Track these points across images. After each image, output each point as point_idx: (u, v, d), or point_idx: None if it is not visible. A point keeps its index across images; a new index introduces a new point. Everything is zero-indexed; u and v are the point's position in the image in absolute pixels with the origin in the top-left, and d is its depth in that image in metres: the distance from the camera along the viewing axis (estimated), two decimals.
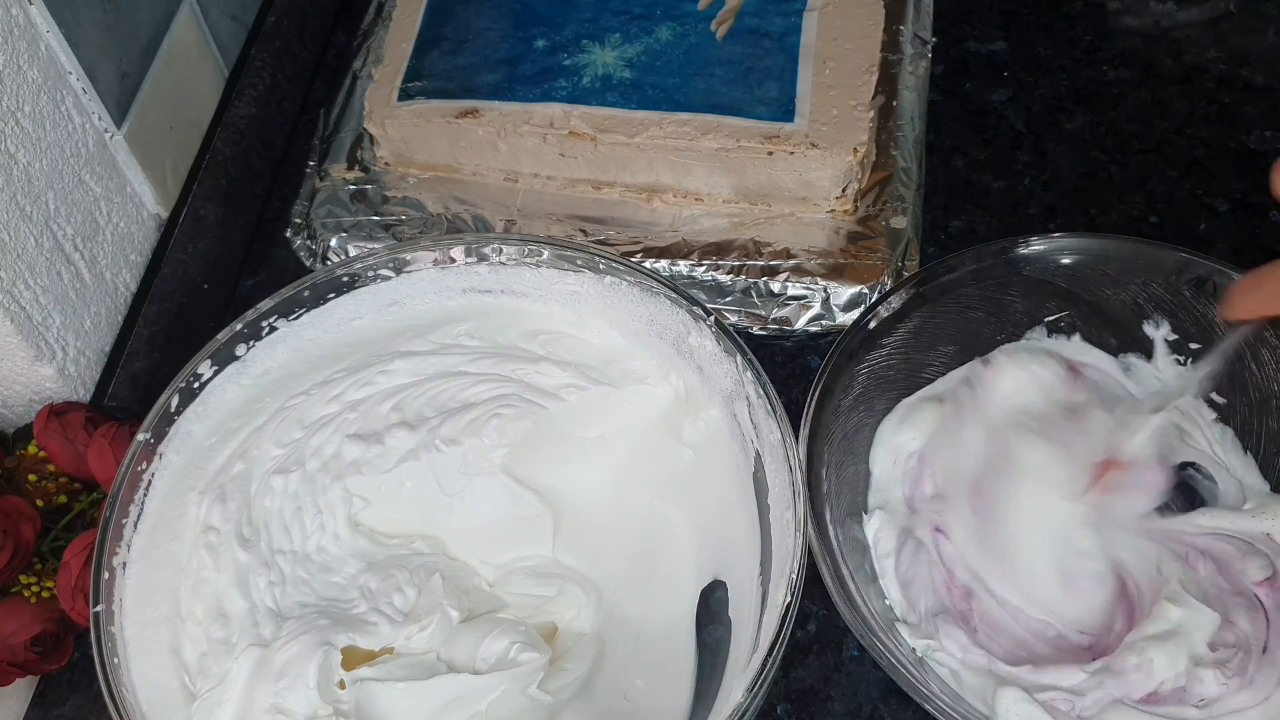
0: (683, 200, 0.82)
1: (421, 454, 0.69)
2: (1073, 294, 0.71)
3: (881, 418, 0.71)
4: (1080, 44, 0.91)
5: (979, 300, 0.71)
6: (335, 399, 0.70)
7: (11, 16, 0.65)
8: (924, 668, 0.63)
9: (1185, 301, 0.69)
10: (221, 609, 0.64)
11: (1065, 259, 0.70)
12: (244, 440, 0.68)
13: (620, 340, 0.71)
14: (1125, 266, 0.70)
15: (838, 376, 0.67)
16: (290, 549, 0.67)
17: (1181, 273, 0.69)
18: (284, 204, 0.87)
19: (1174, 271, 0.69)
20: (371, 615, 0.64)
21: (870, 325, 0.69)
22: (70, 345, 0.72)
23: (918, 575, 0.66)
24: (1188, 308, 0.69)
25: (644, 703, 0.64)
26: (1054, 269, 0.70)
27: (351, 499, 0.69)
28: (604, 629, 0.67)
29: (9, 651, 0.66)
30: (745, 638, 0.63)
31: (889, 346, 0.70)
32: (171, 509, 0.66)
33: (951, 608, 0.65)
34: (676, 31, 0.82)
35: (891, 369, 0.71)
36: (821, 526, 0.63)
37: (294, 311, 0.69)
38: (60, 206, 0.70)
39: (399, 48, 0.85)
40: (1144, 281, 0.70)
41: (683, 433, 0.69)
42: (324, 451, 0.69)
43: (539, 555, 0.69)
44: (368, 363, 0.71)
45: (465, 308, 0.72)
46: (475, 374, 0.71)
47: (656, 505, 0.69)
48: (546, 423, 0.70)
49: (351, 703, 0.61)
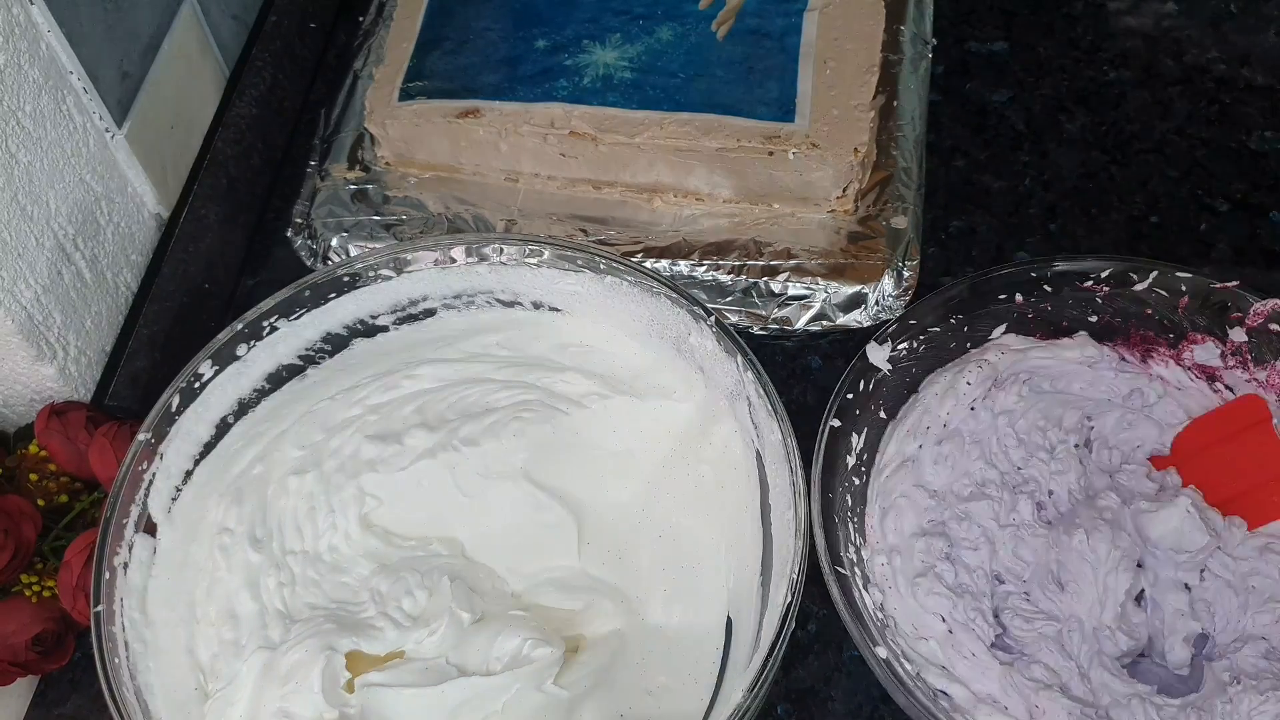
0: (683, 200, 0.82)
1: (439, 454, 0.69)
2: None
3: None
4: (1081, 44, 0.91)
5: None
6: (359, 403, 0.71)
7: (13, 16, 0.65)
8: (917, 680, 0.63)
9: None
10: (232, 610, 0.65)
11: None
12: (268, 444, 0.69)
13: (649, 356, 0.71)
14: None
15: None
16: (301, 549, 0.67)
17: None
18: (285, 204, 0.87)
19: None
20: (378, 620, 0.64)
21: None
22: (71, 345, 0.72)
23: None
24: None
25: (667, 698, 0.64)
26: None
27: (364, 498, 0.69)
28: (625, 625, 0.66)
29: (10, 651, 0.66)
30: (746, 637, 0.63)
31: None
32: (195, 511, 0.66)
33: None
34: (677, 31, 0.82)
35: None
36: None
37: (295, 311, 0.69)
38: (61, 206, 0.70)
39: (400, 48, 0.85)
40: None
41: (703, 449, 0.69)
42: (342, 452, 0.69)
43: (566, 566, 0.68)
44: (395, 369, 0.71)
45: (498, 319, 0.72)
46: (500, 381, 0.72)
47: (684, 519, 0.69)
48: (568, 430, 0.70)
49: (359, 708, 0.61)
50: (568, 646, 0.64)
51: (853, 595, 0.62)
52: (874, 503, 0.69)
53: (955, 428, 0.70)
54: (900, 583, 0.65)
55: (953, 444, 0.70)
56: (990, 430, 0.70)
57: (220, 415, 0.68)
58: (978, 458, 0.69)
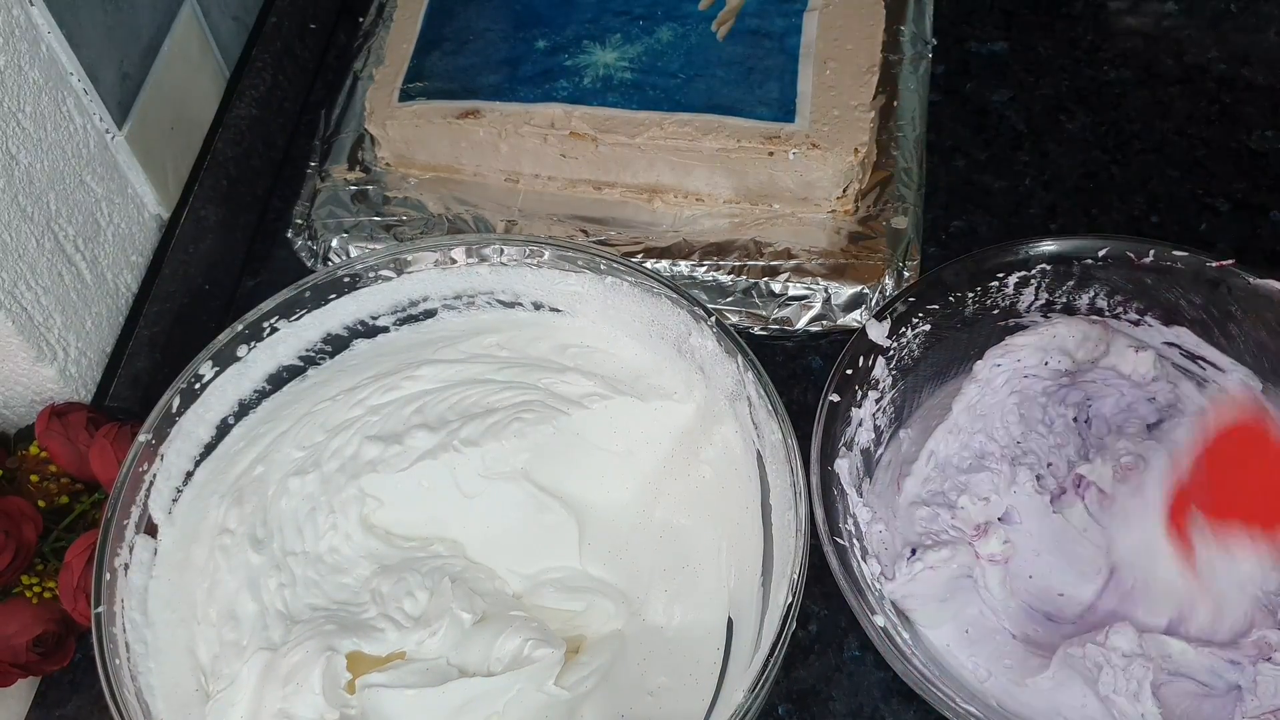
0: (684, 201, 0.82)
1: (440, 454, 0.69)
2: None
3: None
4: (1081, 44, 0.91)
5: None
6: (360, 403, 0.70)
7: (13, 17, 0.65)
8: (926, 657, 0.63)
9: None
10: (233, 611, 0.65)
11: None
12: (268, 445, 0.69)
13: (650, 357, 0.71)
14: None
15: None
16: (302, 550, 0.67)
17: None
18: (285, 205, 0.87)
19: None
20: (379, 620, 0.64)
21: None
22: (71, 346, 0.72)
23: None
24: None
25: (668, 699, 0.64)
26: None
27: (365, 498, 0.69)
28: (626, 626, 0.66)
29: (11, 652, 0.66)
30: (746, 638, 0.63)
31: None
32: (195, 512, 0.66)
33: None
34: (677, 32, 0.82)
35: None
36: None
37: (295, 312, 0.69)
38: (61, 207, 0.70)
39: (400, 48, 0.86)
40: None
41: (704, 450, 0.69)
42: (343, 453, 0.69)
43: (567, 567, 0.68)
44: (396, 369, 0.71)
45: (499, 320, 0.72)
46: (501, 381, 0.71)
47: (684, 519, 0.69)
48: (569, 430, 0.70)
49: (359, 709, 0.61)
50: (568, 647, 0.64)
51: (851, 566, 0.63)
52: (876, 474, 0.69)
53: (961, 401, 0.71)
54: (898, 546, 0.66)
55: (956, 417, 0.70)
56: (995, 405, 0.70)
57: (221, 416, 0.68)
58: (979, 430, 0.70)
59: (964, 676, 0.64)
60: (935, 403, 0.73)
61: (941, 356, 0.73)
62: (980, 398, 0.70)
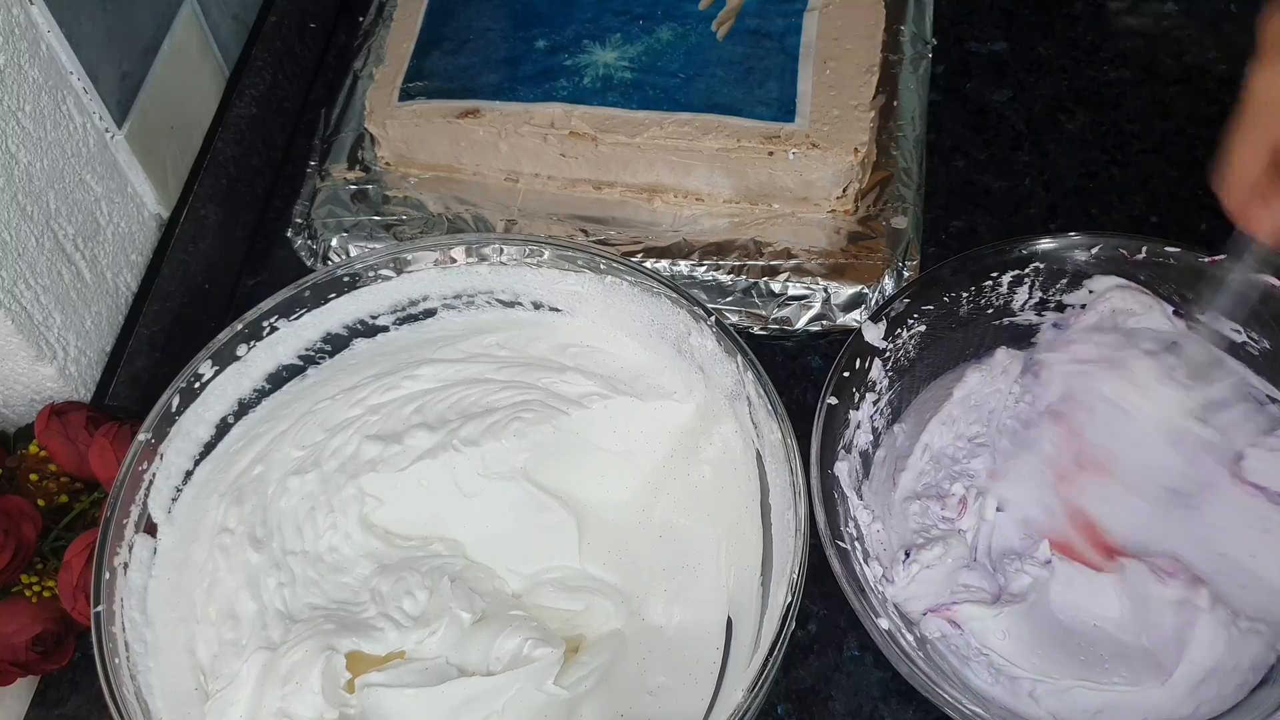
0: (683, 200, 0.82)
1: (439, 454, 0.69)
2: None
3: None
4: (1081, 44, 0.91)
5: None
6: (359, 403, 0.71)
7: (13, 16, 0.65)
8: (929, 651, 0.63)
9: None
10: (233, 610, 0.65)
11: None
12: (268, 444, 0.69)
13: (649, 356, 0.71)
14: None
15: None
16: (301, 549, 0.67)
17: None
18: (285, 204, 0.87)
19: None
20: (379, 620, 0.64)
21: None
22: (71, 345, 0.72)
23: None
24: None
25: (667, 699, 0.64)
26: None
27: (365, 498, 0.69)
28: (626, 625, 0.66)
29: (10, 651, 0.66)
30: (746, 638, 0.63)
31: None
32: (195, 511, 0.66)
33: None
34: (677, 32, 0.82)
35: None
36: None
37: (295, 311, 0.69)
38: (61, 206, 0.70)
39: (400, 48, 0.86)
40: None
41: (703, 449, 0.69)
42: (342, 452, 0.69)
43: (566, 566, 0.68)
44: (395, 369, 0.71)
45: (499, 319, 0.72)
46: (500, 381, 0.71)
47: (684, 519, 0.69)
48: (569, 430, 0.70)
49: (359, 708, 0.61)
50: (568, 646, 0.64)
51: (854, 569, 0.63)
52: (872, 471, 0.69)
53: (955, 397, 0.71)
54: (894, 544, 0.66)
55: (950, 411, 0.71)
56: (989, 398, 0.71)
57: (220, 415, 0.68)
58: (973, 422, 0.70)
59: (971, 679, 0.64)
60: (930, 395, 0.73)
61: (937, 357, 0.73)
62: (979, 387, 0.70)
